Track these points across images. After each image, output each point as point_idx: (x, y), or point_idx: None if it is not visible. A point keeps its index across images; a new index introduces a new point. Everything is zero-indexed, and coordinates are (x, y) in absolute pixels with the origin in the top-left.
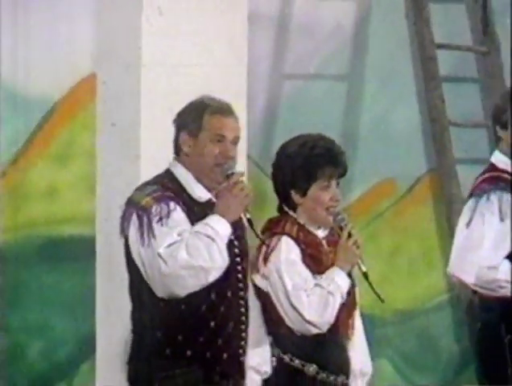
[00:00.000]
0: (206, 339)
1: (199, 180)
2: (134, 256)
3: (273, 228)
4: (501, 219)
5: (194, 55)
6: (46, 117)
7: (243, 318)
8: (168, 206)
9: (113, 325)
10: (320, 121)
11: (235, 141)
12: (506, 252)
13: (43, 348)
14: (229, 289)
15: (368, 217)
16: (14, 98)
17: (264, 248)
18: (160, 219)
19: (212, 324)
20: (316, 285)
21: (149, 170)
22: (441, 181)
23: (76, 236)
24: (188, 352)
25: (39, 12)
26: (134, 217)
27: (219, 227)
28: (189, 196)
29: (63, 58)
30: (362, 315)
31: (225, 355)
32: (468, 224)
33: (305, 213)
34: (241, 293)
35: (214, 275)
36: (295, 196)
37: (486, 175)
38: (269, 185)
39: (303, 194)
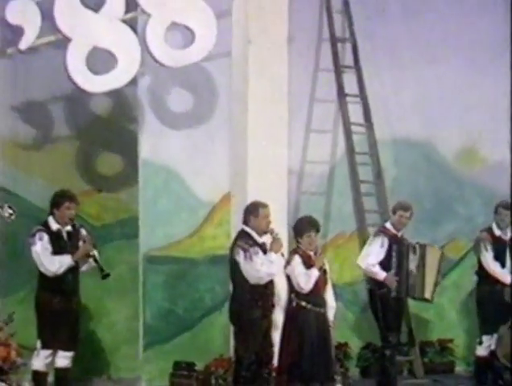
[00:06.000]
0: (260, 299)
1: (257, 233)
2: (242, 267)
3: (293, 251)
4: (381, 247)
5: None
6: (211, 211)
7: (270, 293)
8: (257, 250)
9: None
10: (315, 210)
11: (269, 217)
12: (379, 260)
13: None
14: (269, 282)
15: (333, 247)
16: (197, 201)
17: (288, 259)
18: (255, 253)
19: (261, 290)
20: (305, 273)
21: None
22: (362, 233)
23: (223, 245)
24: (256, 302)
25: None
26: (241, 251)
27: (274, 259)
28: (255, 241)
29: (216, 183)
30: (332, 284)
31: (266, 305)
32: (368, 246)
33: (302, 246)
34: (270, 285)
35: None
36: (298, 239)
37: (378, 228)
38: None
39: (301, 239)
